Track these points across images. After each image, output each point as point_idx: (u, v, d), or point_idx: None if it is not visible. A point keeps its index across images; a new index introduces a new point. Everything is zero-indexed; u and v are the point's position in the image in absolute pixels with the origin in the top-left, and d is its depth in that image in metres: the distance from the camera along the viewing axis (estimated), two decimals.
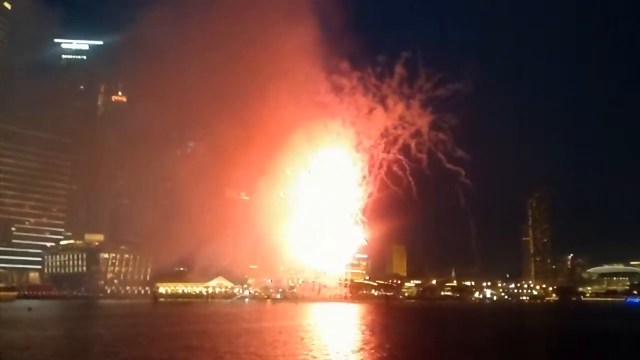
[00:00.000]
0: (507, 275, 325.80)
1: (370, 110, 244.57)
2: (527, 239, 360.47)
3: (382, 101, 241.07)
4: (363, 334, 64.58)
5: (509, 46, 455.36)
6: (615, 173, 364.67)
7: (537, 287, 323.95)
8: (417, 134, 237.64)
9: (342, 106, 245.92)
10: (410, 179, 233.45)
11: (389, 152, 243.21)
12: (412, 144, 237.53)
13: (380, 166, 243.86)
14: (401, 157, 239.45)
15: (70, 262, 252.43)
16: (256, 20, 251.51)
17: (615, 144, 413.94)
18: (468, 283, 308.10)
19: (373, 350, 44.04)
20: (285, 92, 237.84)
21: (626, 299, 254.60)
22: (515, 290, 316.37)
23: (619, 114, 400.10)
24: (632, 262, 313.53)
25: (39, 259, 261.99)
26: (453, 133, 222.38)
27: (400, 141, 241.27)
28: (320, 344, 48.11)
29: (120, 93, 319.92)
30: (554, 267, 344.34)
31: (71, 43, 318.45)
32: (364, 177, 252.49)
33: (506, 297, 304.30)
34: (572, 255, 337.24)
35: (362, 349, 45.50)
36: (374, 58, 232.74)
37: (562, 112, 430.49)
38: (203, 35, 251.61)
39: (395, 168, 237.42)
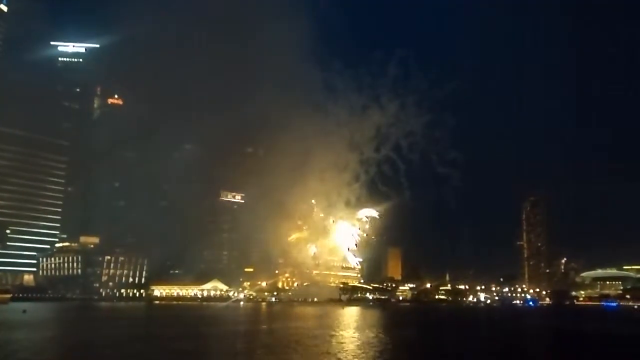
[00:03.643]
0: (501, 279, 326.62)
1: (364, 109, 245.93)
2: (522, 242, 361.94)
3: (377, 100, 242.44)
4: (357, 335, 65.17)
5: (506, 47, 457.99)
6: (610, 177, 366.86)
7: (531, 290, 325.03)
8: (411, 134, 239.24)
9: (335, 104, 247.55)
10: (403, 180, 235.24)
11: (381, 152, 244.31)
12: (406, 144, 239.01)
13: (373, 166, 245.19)
14: (394, 157, 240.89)
15: (65, 265, 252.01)
16: (251, 20, 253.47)
17: (611, 148, 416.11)
18: (462, 286, 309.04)
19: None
20: (280, 92, 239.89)
21: (603, 303, 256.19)
22: (509, 294, 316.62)
23: (615, 118, 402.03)
24: (625, 267, 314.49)
25: (34, 261, 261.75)
26: (448, 134, 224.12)
27: (394, 141, 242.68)
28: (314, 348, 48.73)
29: (116, 95, 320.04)
30: (547, 271, 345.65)
31: (67, 46, 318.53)
32: (358, 178, 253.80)
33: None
34: (565, 259, 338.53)
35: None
36: (368, 56, 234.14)
37: (558, 115, 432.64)
38: (198, 38, 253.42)
39: (387, 168, 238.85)
